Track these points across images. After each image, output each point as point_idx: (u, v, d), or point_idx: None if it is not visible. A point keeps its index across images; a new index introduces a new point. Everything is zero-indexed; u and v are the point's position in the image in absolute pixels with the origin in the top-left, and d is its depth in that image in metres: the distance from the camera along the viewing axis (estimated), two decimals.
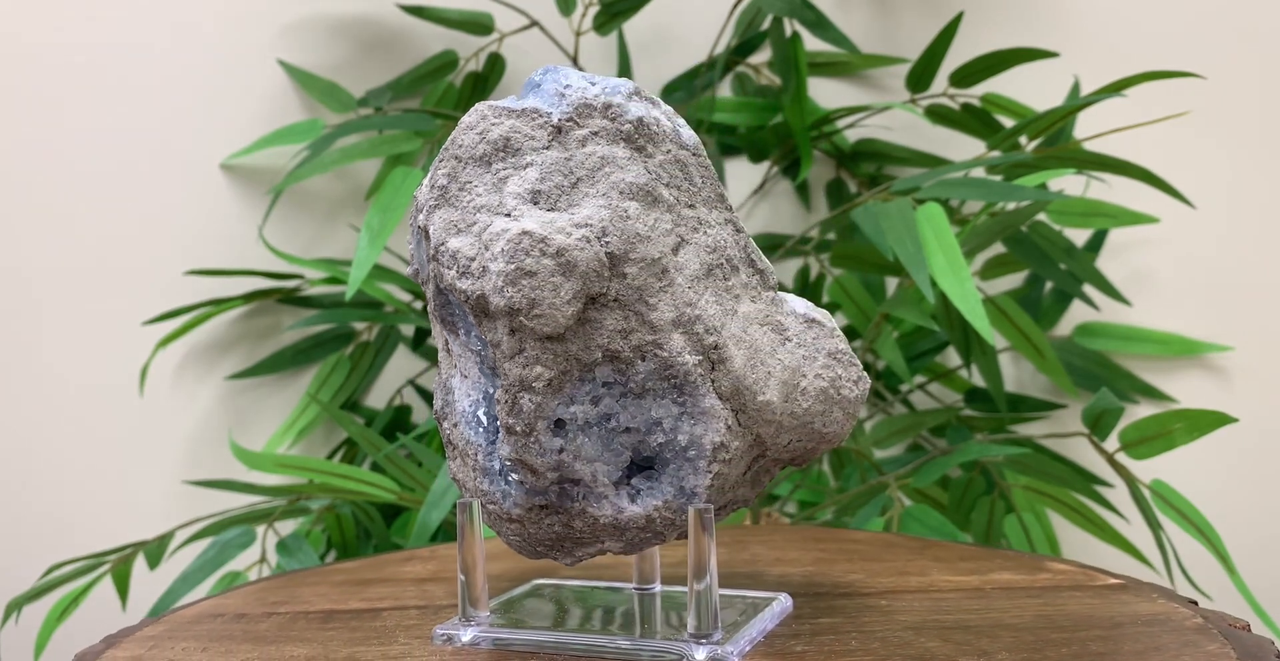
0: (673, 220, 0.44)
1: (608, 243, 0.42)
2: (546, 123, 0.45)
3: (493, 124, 0.45)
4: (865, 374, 0.49)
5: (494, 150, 0.45)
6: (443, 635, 0.49)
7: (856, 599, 0.53)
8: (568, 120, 0.44)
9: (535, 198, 0.44)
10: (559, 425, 0.44)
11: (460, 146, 0.45)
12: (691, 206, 0.45)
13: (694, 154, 0.46)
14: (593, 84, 0.45)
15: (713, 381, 0.44)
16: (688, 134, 0.47)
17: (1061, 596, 0.53)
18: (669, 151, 0.45)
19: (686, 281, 0.44)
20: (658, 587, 0.53)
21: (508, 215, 0.43)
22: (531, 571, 0.61)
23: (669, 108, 0.47)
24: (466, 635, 0.48)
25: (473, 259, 0.43)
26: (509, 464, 0.45)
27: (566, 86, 0.45)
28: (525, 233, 0.42)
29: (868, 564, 0.60)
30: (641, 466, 0.45)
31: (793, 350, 0.47)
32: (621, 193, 0.43)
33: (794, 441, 0.48)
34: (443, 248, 0.44)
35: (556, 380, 0.43)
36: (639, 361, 0.43)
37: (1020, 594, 0.54)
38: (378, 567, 0.64)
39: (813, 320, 0.48)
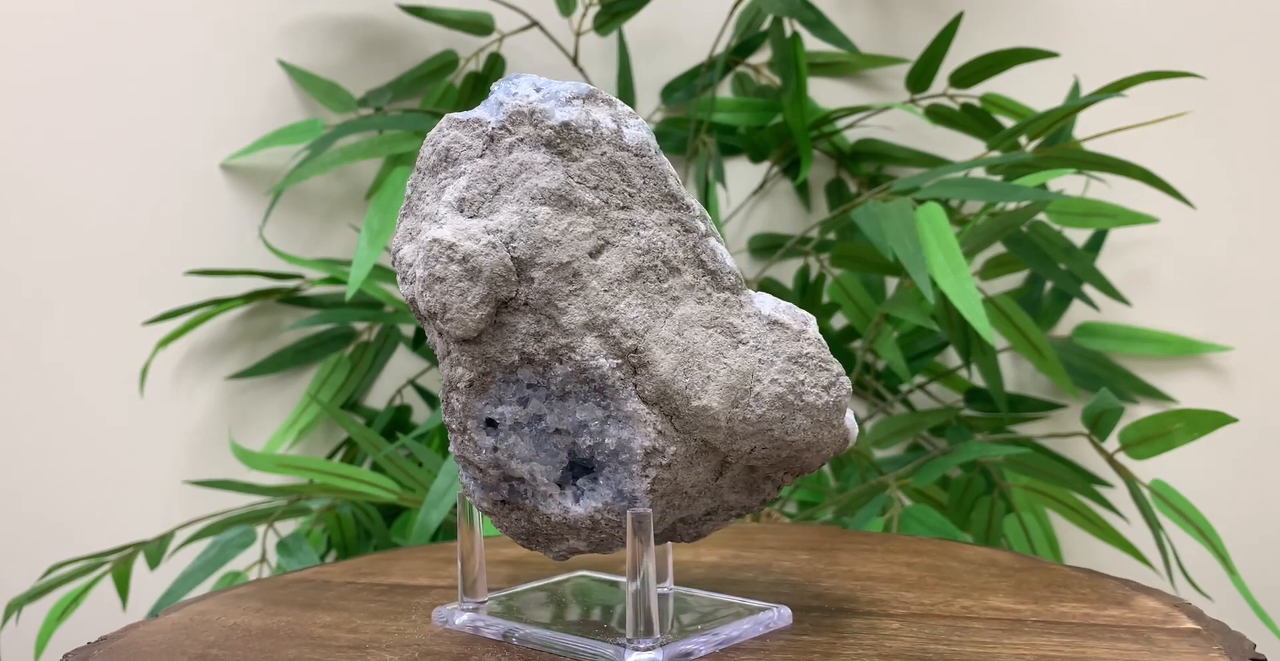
0: (594, 223, 0.44)
1: (515, 248, 0.43)
2: (483, 132, 0.46)
3: (443, 135, 0.47)
4: (842, 379, 0.46)
5: (440, 160, 0.47)
6: (442, 616, 0.52)
7: (867, 619, 0.50)
8: (500, 128, 0.45)
9: (461, 205, 0.45)
10: (490, 424, 0.46)
11: (421, 157, 0.48)
12: (625, 208, 0.45)
13: (635, 154, 0.45)
14: (538, 91, 0.45)
15: (635, 385, 0.44)
16: (633, 135, 0.45)
17: (1099, 640, 0.47)
18: (602, 154, 0.44)
19: (604, 284, 0.44)
20: (669, 587, 0.53)
21: (436, 223, 0.45)
22: (583, 562, 0.62)
23: (625, 109, 0.46)
24: (460, 618, 0.51)
25: (410, 265, 0.46)
26: (458, 460, 0.48)
27: (512, 94, 0.45)
28: (435, 240, 0.44)
29: (928, 584, 0.56)
30: (586, 467, 0.46)
31: (746, 354, 0.45)
32: (534, 198, 0.44)
33: (760, 449, 0.46)
34: (398, 254, 0.47)
35: (478, 381, 0.45)
36: (556, 364, 0.44)
37: (1056, 630, 0.48)
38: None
39: (776, 322, 0.46)
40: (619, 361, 0.43)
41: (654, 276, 0.44)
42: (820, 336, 0.46)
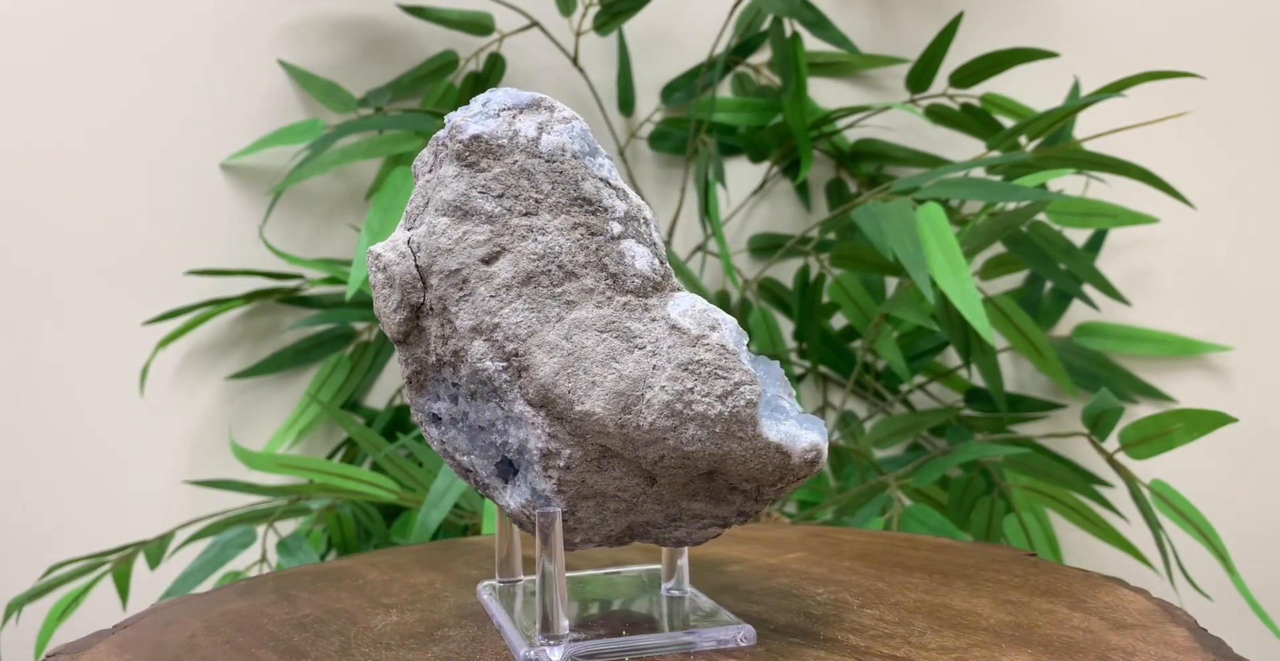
0: (492, 231, 0.45)
1: (419, 257, 0.46)
2: (435, 148, 0.48)
3: (421, 152, 0.50)
4: (743, 389, 0.43)
5: (414, 177, 0.50)
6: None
7: (827, 649, 0.47)
8: (440, 145, 0.47)
9: (407, 219, 0.48)
10: (435, 419, 0.49)
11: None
12: (529, 214, 0.45)
13: (547, 160, 0.45)
14: (483, 105, 0.46)
15: (520, 388, 0.44)
16: (550, 141, 0.46)
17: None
18: (514, 163, 0.45)
19: (491, 290, 0.45)
20: (685, 590, 0.53)
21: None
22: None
23: (562, 115, 0.46)
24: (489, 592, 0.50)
25: None
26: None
27: (465, 109, 0.47)
28: (370, 251, 0.48)
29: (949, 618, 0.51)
30: (512, 464, 0.47)
31: (640, 359, 0.44)
32: (437, 210, 0.46)
33: (668, 457, 0.44)
34: None
35: (415, 379, 0.49)
36: (460, 365, 0.46)
37: None
38: None
39: (676, 327, 0.44)
40: (504, 364, 0.44)
41: (547, 281, 0.45)
42: (725, 343, 0.44)
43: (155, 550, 0.84)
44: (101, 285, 0.99)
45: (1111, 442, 0.81)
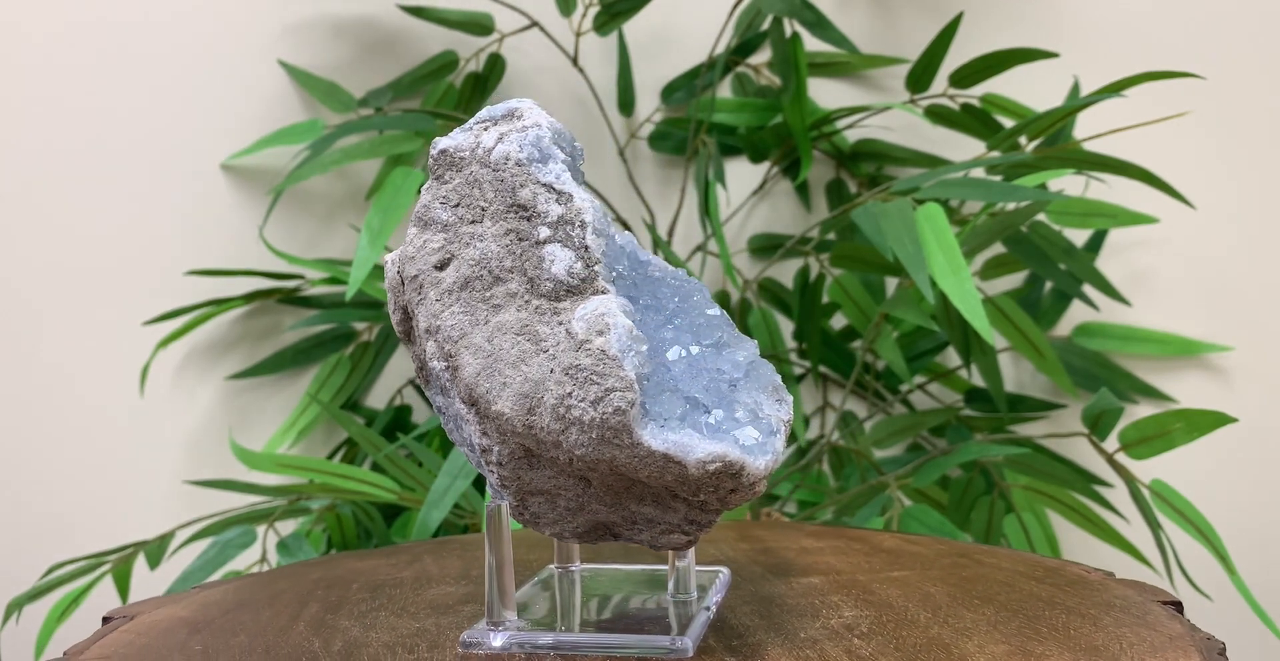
0: (445, 239, 0.47)
1: (401, 265, 0.49)
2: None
3: None
4: (613, 395, 0.43)
5: None
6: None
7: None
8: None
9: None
10: (441, 410, 0.51)
11: None
12: (475, 222, 0.47)
13: (493, 169, 0.47)
14: (472, 119, 0.49)
15: (455, 387, 0.47)
16: (499, 150, 0.47)
17: None
18: (470, 173, 0.47)
19: (438, 294, 0.47)
20: (667, 597, 0.53)
21: None
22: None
23: (528, 123, 0.47)
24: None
25: None
26: None
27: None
28: (381, 261, 0.52)
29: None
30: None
31: (543, 362, 0.44)
32: (412, 221, 0.49)
33: (576, 462, 0.45)
34: None
35: (420, 374, 0.51)
36: (430, 363, 0.48)
37: None
38: None
39: (569, 330, 0.44)
40: (445, 364, 0.47)
41: (479, 285, 0.46)
42: (607, 348, 0.43)
43: (155, 550, 0.84)
44: (102, 285, 0.99)
45: (1111, 442, 0.81)
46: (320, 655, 0.48)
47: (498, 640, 0.48)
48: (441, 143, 0.48)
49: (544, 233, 0.46)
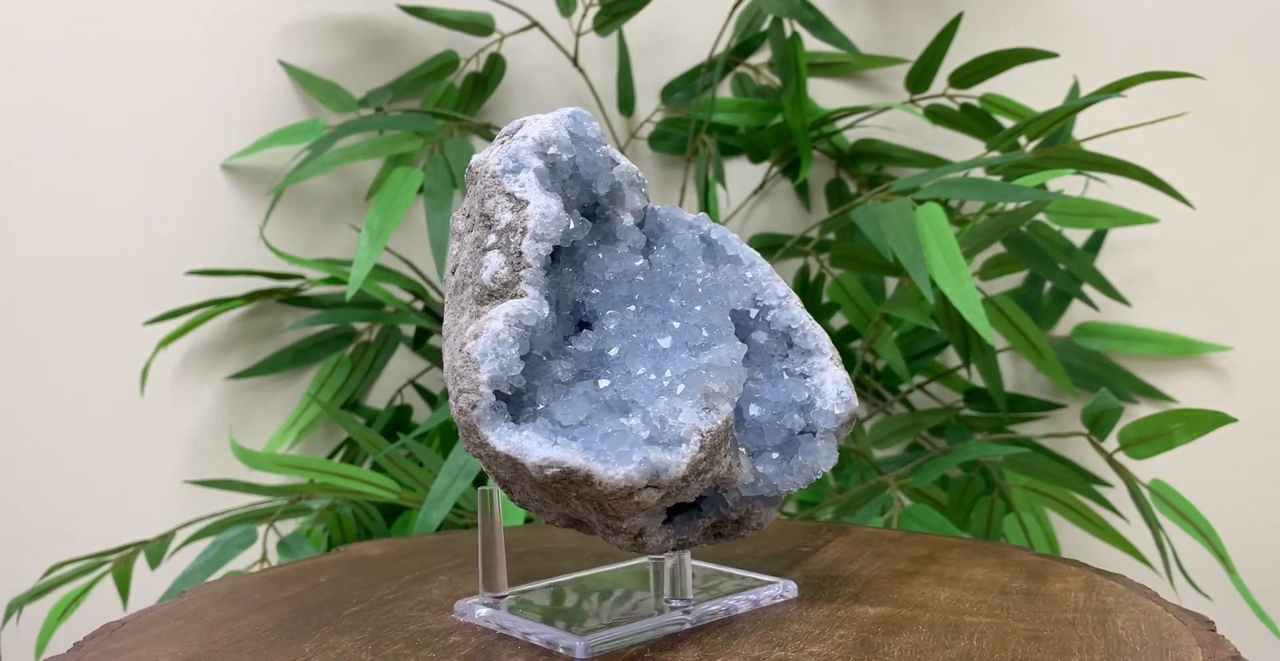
0: (458, 247, 0.51)
1: None
2: None
3: None
4: (464, 397, 0.44)
5: None
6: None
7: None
8: None
9: None
10: None
11: None
12: (469, 231, 0.50)
13: (482, 182, 0.49)
14: (520, 126, 0.50)
15: None
16: (495, 160, 0.49)
17: None
18: (482, 186, 0.49)
19: (446, 297, 0.51)
20: (673, 604, 0.53)
21: None
22: None
23: (523, 133, 0.49)
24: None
25: None
26: None
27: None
28: None
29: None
30: None
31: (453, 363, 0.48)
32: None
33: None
34: None
35: None
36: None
37: None
38: None
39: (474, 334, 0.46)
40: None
41: (458, 290, 0.49)
42: (472, 351, 0.44)
43: (155, 550, 0.84)
44: (102, 285, 0.99)
45: (1111, 442, 0.81)
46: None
47: (481, 611, 0.51)
48: (477, 158, 0.51)
49: (491, 239, 0.48)
